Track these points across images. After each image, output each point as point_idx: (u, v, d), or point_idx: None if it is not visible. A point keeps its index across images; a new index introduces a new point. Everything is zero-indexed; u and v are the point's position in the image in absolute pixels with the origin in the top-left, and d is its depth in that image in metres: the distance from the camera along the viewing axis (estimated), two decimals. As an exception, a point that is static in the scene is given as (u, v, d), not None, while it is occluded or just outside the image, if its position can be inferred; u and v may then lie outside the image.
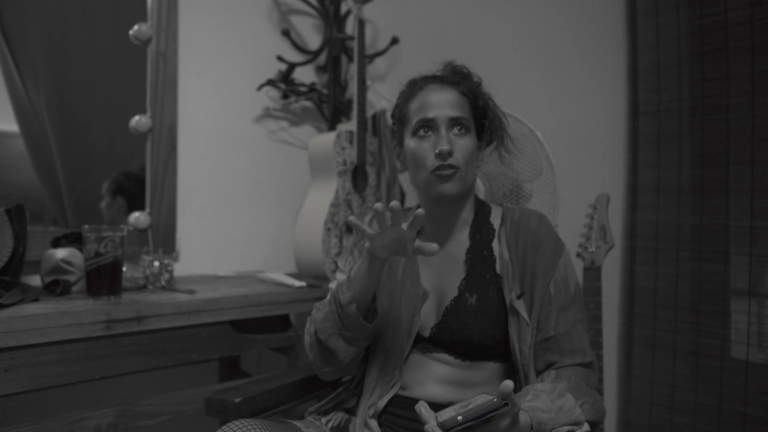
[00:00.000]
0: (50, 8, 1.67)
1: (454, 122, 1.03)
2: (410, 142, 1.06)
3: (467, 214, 1.10)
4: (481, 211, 1.11)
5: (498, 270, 1.06)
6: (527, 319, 1.01)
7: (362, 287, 1.01)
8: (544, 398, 0.89)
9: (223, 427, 0.94)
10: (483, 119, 1.09)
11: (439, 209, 1.09)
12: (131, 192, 1.78)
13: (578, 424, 0.90)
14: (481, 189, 1.39)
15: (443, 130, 1.03)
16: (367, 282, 1.01)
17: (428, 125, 1.04)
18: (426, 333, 1.07)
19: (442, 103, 1.04)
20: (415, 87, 1.09)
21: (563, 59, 1.86)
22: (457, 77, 1.09)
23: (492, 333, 1.03)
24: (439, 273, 1.09)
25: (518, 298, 1.02)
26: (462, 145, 1.03)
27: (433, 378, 1.05)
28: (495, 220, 1.11)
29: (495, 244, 1.08)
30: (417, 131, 1.05)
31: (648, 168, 1.66)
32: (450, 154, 1.01)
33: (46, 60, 1.67)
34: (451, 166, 1.01)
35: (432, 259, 1.10)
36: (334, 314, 1.03)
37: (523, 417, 0.82)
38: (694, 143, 1.58)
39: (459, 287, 1.06)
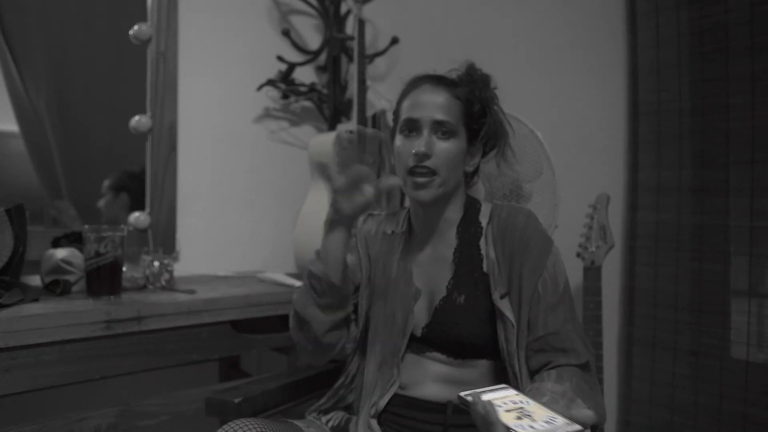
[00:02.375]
0: (50, 8, 1.67)
1: (438, 125, 1.03)
2: (397, 140, 1.07)
3: (455, 213, 1.10)
4: (471, 209, 1.11)
5: (485, 269, 1.06)
6: (511, 318, 1.00)
7: (330, 256, 1.04)
8: (562, 404, 0.88)
9: (224, 427, 0.94)
10: (476, 125, 1.08)
11: (423, 210, 1.09)
12: (134, 190, 1.77)
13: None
14: (481, 189, 1.39)
15: (426, 132, 1.03)
16: (333, 251, 1.04)
17: (413, 125, 1.04)
18: (418, 332, 1.07)
19: (430, 104, 1.03)
20: (411, 85, 1.09)
21: (563, 59, 1.86)
22: (457, 80, 1.08)
23: (480, 332, 1.03)
24: (429, 273, 1.09)
25: (502, 297, 1.02)
26: (443, 149, 1.02)
27: (429, 377, 1.05)
28: (483, 218, 1.10)
29: (482, 243, 1.08)
30: (403, 130, 1.06)
31: (648, 168, 1.66)
32: (427, 156, 1.01)
33: (46, 60, 1.67)
34: (426, 169, 1.01)
35: (422, 259, 1.11)
36: (306, 285, 1.06)
37: None
38: (694, 143, 1.58)
39: (447, 287, 1.06)
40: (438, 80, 1.08)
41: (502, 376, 1.05)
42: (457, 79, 1.09)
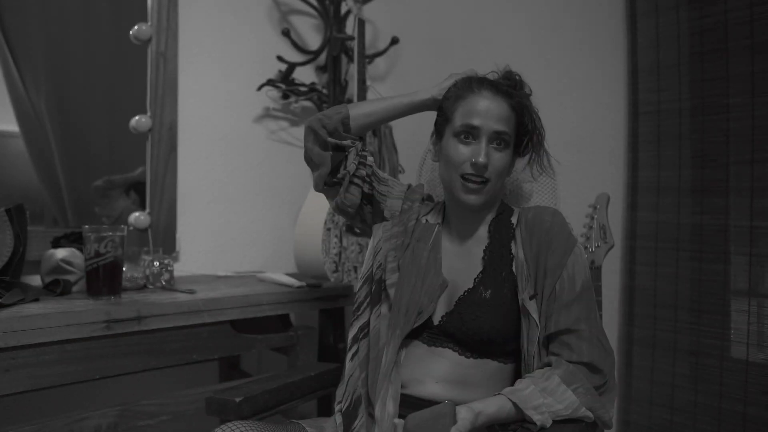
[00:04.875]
0: (50, 8, 1.67)
1: (496, 135, 1.06)
2: (450, 141, 1.08)
3: (488, 213, 1.14)
4: (504, 212, 1.15)
5: (513, 270, 1.08)
6: (537, 320, 1.02)
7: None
8: (527, 380, 0.94)
9: (216, 429, 0.95)
10: (524, 135, 1.12)
11: (463, 210, 1.12)
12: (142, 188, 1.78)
13: (580, 413, 0.93)
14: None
15: (484, 141, 1.05)
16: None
17: (471, 132, 1.06)
18: (436, 320, 1.07)
19: (491, 113, 1.05)
20: (469, 87, 1.10)
21: (563, 59, 1.86)
22: (511, 89, 1.10)
23: (501, 329, 1.04)
24: (455, 266, 1.11)
25: (531, 298, 1.03)
26: (498, 159, 1.06)
27: (432, 376, 1.05)
28: (514, 220, 1.14)
29: (513, 245, 1.10)
30: (459, 134, 1.07)
31: (648, 168, 1.66)
32: (485, 167, 1.04)
33: (46, 60, 1.67)
34: (481, 178, 1.05)
35: (451, 250, 1.13)
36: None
37: (497, 399, 0.93)
38: (694, 143, 1.58)
39: (475, 280, 1.08)
40: (497, 88, 1.09)
41: (506, 380, 1.06)
42: (509, 89, 1.10)
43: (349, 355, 1.14)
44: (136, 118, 1.73)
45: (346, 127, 1.20)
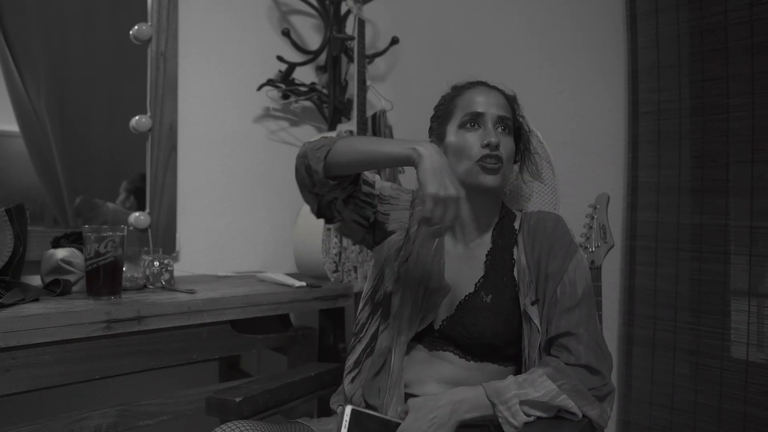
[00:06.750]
0: (50, 8, 1.67)
1: (501, 120, 1.08)
2: (454, 135, 1.10)
3: (493, 216, 1.13)
4: (507, 216, 1.15)
5: (515, 274, 1.08)
6: (538, 325, 1.02)
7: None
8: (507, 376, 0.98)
9: (216, 429, 0.95)
10: (519, 130, 1.16)
11: (470, 205, 1.10)
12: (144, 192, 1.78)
13: (559, 400, 0.93)
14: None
15: (490, 125, 1.07)
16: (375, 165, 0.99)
17: (476, 119, 1.08)
18: (437, 325, 1.08)
19: (491, 101, 1.09)
20: (462, 87, 1.14)
21: (563, 59, 1.86)
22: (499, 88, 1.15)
23: (502, 333, 1.04)
24: (457, 269, 1.11)
25: (532, 304, 1.04)
26: (506, 142, 1.08)
27: (434, 377, 1.06)
28: (516, 225, 1.14)
29: (515, 250, 1.11)
30: (464, 124, 1.09)
31: (648, 168, 1.66)
32: (498, 146, 1.05)
33: (46, 60, 1.67)
34: (497, 158, 1.05)
35: (453, 254, 1.13)
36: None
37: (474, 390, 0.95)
38: (694, 143, 1.58)
39: (476, 284, 1.08)
40: (488, 84, 1.14)
41: None
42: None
43: (349, 378, 1.13)
44: (136, 118, 1.73)
45: (327, 185, 1.05)
